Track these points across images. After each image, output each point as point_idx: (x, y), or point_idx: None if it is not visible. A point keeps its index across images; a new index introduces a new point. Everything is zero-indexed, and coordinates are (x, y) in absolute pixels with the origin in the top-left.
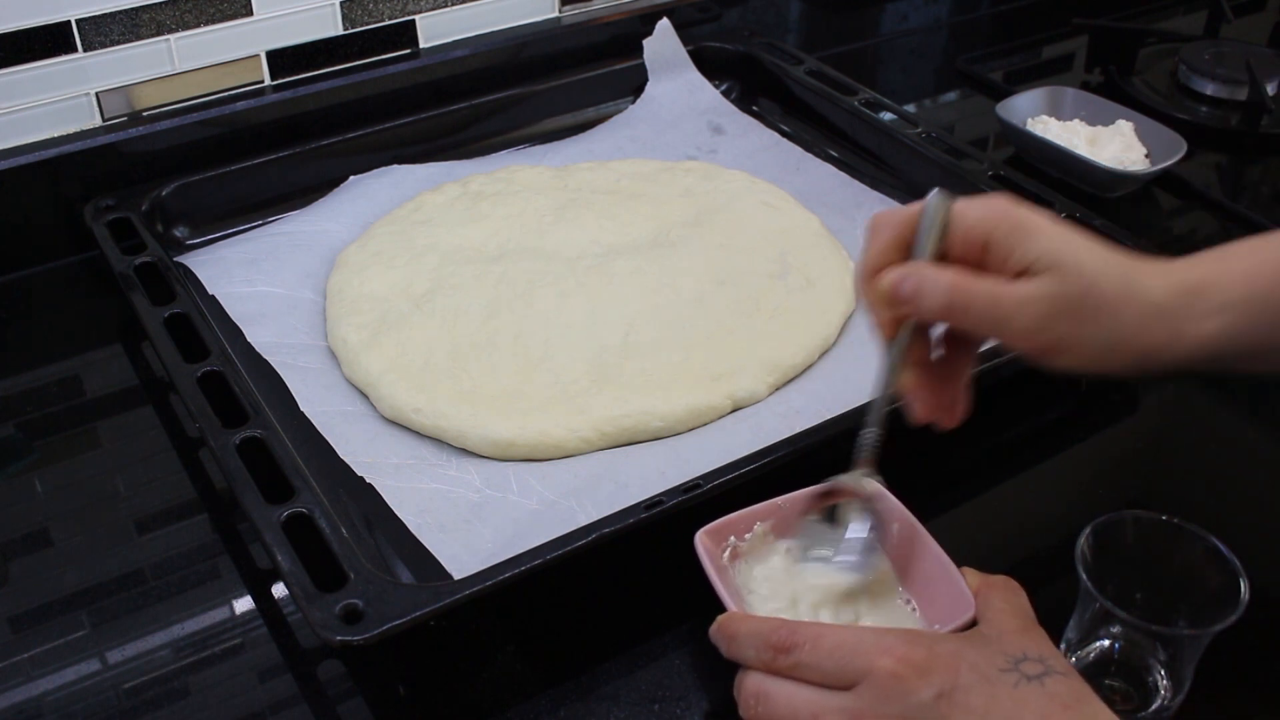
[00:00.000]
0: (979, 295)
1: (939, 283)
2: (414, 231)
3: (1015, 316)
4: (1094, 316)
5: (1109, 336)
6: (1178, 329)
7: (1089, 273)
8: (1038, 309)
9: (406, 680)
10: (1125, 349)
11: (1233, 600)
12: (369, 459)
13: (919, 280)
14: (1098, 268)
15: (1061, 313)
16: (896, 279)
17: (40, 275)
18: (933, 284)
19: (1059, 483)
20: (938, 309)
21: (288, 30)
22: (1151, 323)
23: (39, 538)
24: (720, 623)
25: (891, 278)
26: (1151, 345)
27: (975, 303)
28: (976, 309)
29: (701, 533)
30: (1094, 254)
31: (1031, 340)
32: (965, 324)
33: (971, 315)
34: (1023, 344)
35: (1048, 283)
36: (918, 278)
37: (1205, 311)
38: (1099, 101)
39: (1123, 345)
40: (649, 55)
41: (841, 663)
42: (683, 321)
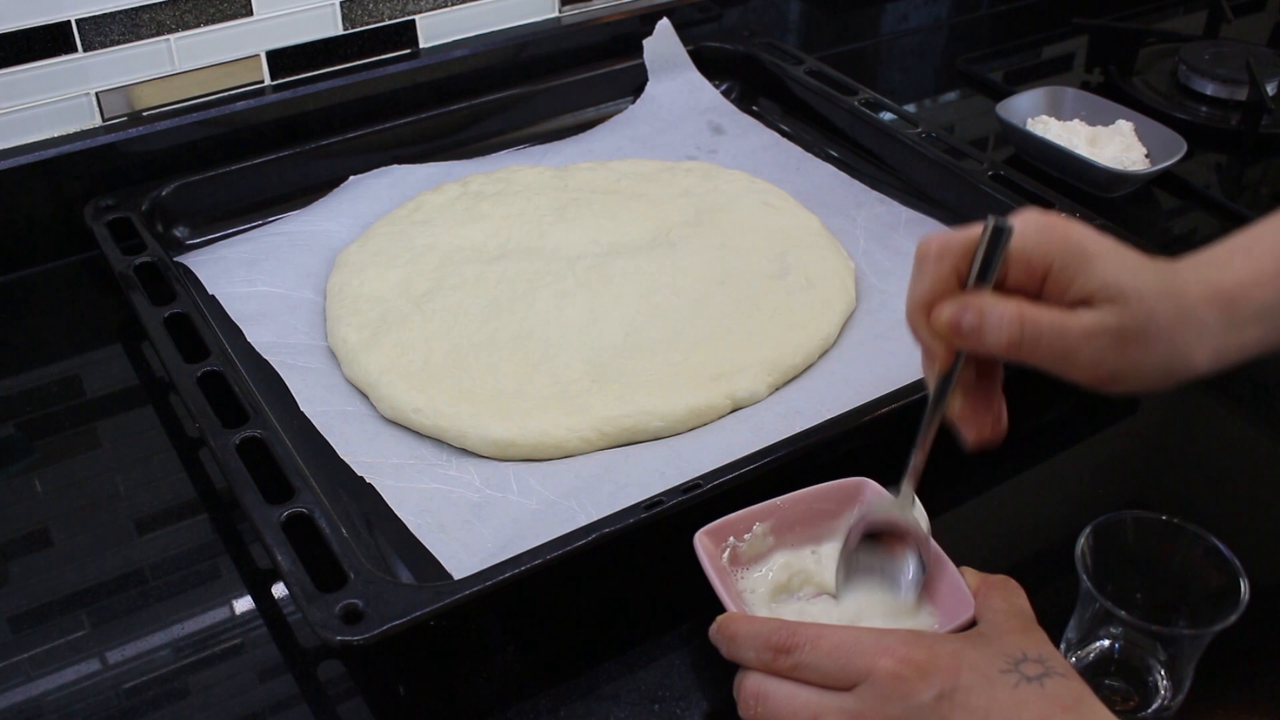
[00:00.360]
0: (1045, 329)
1: (1004, 316)
2: (414, 231)
3: (1082, 349)
4: (1155, 346)
5: (1167, 360)
6: (1221, 343)
7: (1149, 300)
8: (1104, 340)
9: (406, 680)
10: (1178, 369)
11: (1233, 600)
12: (369, 459)
13: (980, 313)
14: (1156, 291)
15: (1126, 342)
16: (956, 313)
17: (40, 275)
18: (997, 318)
19: (1059, 483)
20: (1003, 344)
21: (288, 30)
22: (1198, 340)
23: (39, 538)
24: (720, 623)
25: (950, 312)
26: (1198, 360)
27: (1042, 338)
28: (1044, 344)
29: (701, 533)
30: (1149, 276)
31: (1095, 371)
32: (1030, 359)
33: (1039, 350)
34: (1086, 375)
35: (1113, 313)
36: (978, 311)
37: (1243, 320)
38: (1099, 101)
39: (1177, 366)
40: (649, 55)
41: (842, 663)
42: (683, 321)
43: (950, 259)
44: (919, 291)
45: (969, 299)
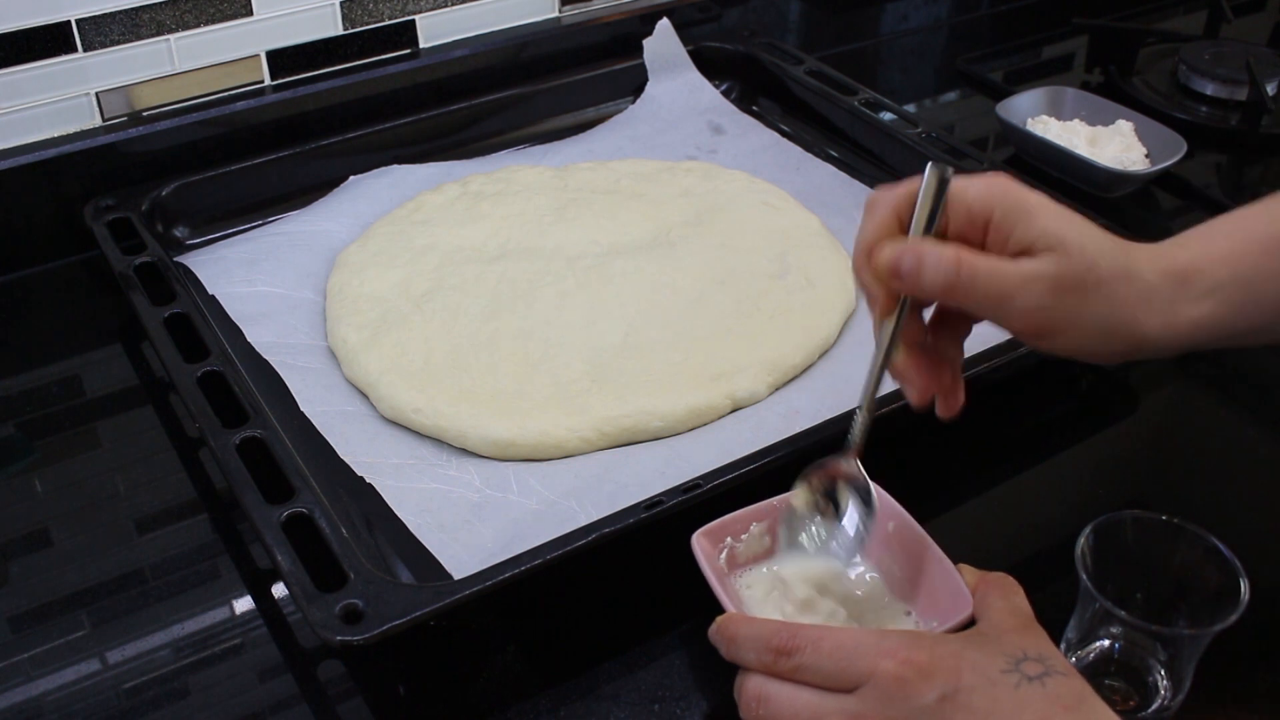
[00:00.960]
0: (982, 271)
1: (942, 258)
2: (414, 231)
3: (1018, 293)
4: (1094, 295)
5: (1107, 317)
6: (1169, 312)
7: (1090, 252)
8: (1041, 286)
9: (406, 680)
10: (1121, 331)
11: (1233, 600)
12: (369, 459)
13: (919, 255)
14: (1098, 248)
15: (1064, 290)
16: (895, 254)
17: (40, 275)
18: (935, 260)
19: (1059, 483)
20: (939, 285)
21: (288, 30)
22: (1145, 305)
23: (39, 538)
24: (720, 624)
25: (890, 253)
26: (1145, 327)
27: (978, 279)
28: (979, 286)
29: (698, 534)
30: (1094, 235)
31: (1031, 319)
32: (967, 301)
33: (975, 292)
34: (1022, 323)
35: (1051, 260)
36: (917, 253)
37: (1195, 295)
38: (1099, 101)
39: (1119, 327)
40: (649, 55)
41: (843, 665)
42: (683, 321)
43: (893, 206)
44: (863, 236)
45: (910, 242)
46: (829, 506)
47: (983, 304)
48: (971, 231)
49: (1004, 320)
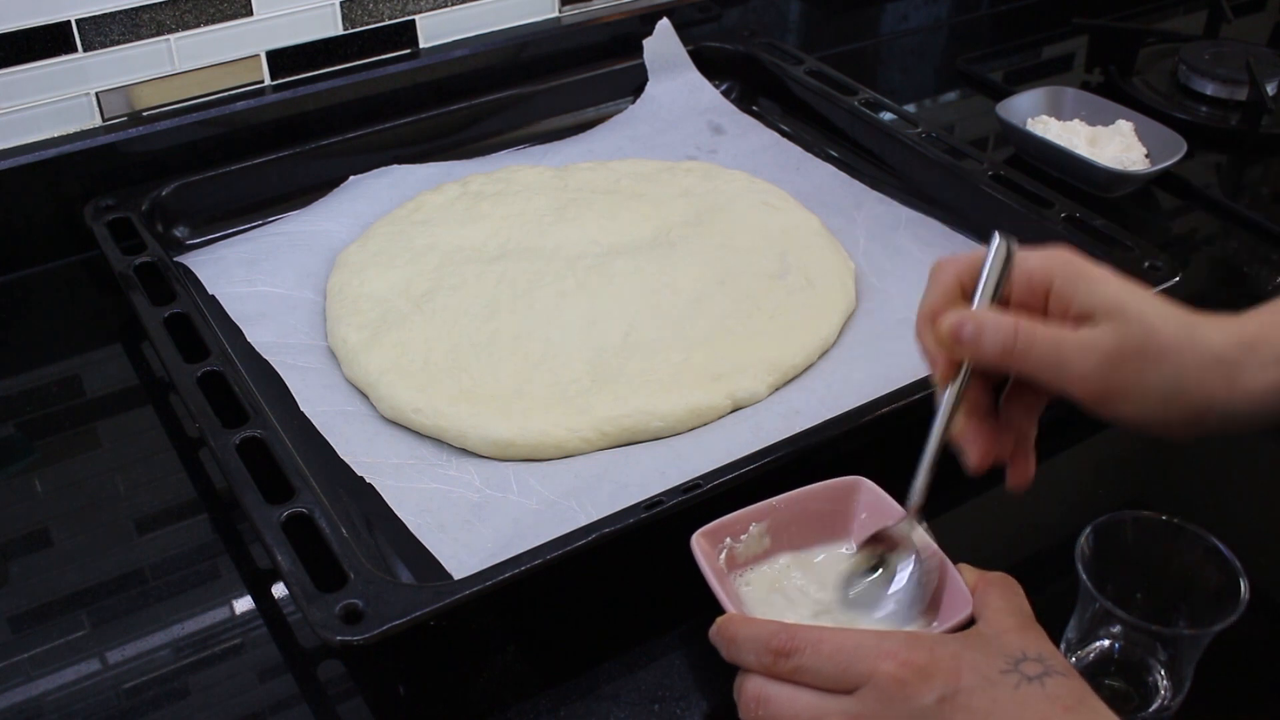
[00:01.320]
0: (1040, 339)
1: (1001, 326)
2: (414, 231)
3: (1077, 361)
4: (1155, 363)
5: (1169, 384)
6: (1236, 379)
7: (1150, 320)
8: (1100, 353)
9: (406, 680)
10: (1184, 398)
11: (1233, 600)
12: (369, 459)
13: (980, 323)
14: (1159, 315)
15: (1124, 358)
16: (957, 322)
17: (40, 275)
18: (994, 327)
19: (1059, 483)
20: (998, 351)
21: (288, 30)
22: (1210, 372)
23: (39, 538)
24: (720, 625)
25: (952, 320)
26: (1210, 395)
27: (1036, 346)
28: (1037, 353)
29: (697, 535)
30: (1155, 303)
31: (1092, 386)
32: (1025, 369)
33: (1032, 360)
34: (1082, 390)
35: (1110, 329)
36: (978, 321)
37: (1263, 363)
38: (1099, 101)
39: (1182, 394)
40: (649, 55)
41: (842, 667)
42: (683, 321)
43: (956, 274)
44: (926, 303)
45: (970, 310)
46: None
47: (1041, 371)
48: (1032, 301)
49: (1064, 387)
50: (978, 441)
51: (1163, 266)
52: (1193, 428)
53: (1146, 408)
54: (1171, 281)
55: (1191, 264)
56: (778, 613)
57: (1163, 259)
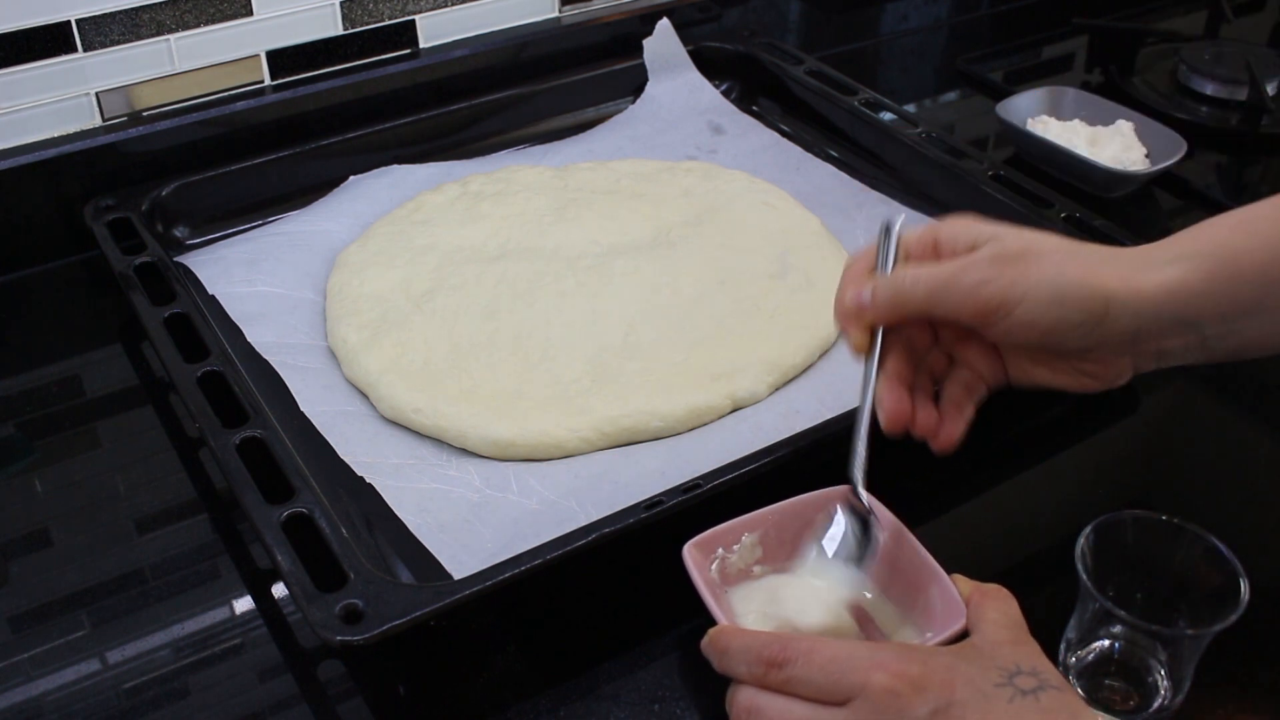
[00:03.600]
0: (923, 274)
1: (890, 279)
2: (414, 231)
3: (959, 275)
4: (1038, 261)
5: (1056, 278)
6: (1131, 275)
7: (1028, 237)
8: (981, 263)
9: (406, 680)
10: (1078, 293)
11: (1233, 600)
12: (369, 459)
13: (873, 284)
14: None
15: (1003, 260)
16: (855, 290)
17: (40, 275)
18: (884, 282)
19: (1059, 483)
20: (887, 301)
21: (288, 30)
22: (1101, 268)
23: (39, 538)
24: (711, 636)
25: (850, 291)
26: (1105, 288)
27: (920, 281)
28: (922, 286)
29: (689, 545)
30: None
31: (979, 295)
32: (917, 306)
33: (919, 293)
34: (971, 304)
35: (990, 245)
36: (872, 284)
37: (1160, 261)
38: (1099, 101)
39: (1075, 287)
40: (649, 55)
41: (835, 678)
42: (683, 321)
43: (864, 262)
44: (838, 294)
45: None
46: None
47: (932, 302)
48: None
49: (956, 310)
50: (888, 402)
51: None
52: (1103, 341)
53: (1039, 310)
54: None
55: None
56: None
57: None
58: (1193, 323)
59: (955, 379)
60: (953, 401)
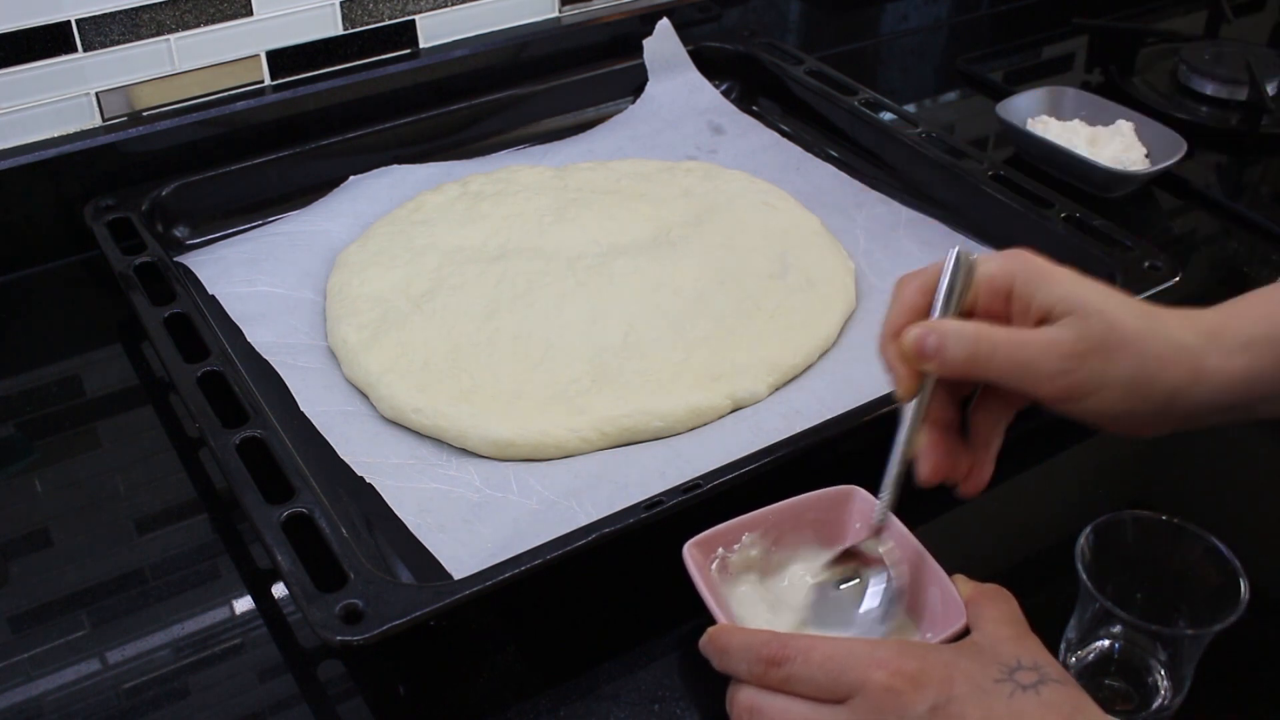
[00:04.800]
0: (1003, 343)
1: (963, 334)
2: (414, 231)
3: (1040, 361)
4: (1117, 355)
5: (1133, 375)
6: (1199, 367)
7: (1110, 313)
8: (1062, 351)
9: (406, 680)
10: (1148, 389)
11: (1233, 600)
12: (369, 459)
13: (942, 333)
14: (1119, 308)
15: (1086, 353)
16: (920, 334)
17: (40, 275)
18: (957, 336)
19: (1059, 483)
20: (961, 360)
21: (288, 30)
22: (1173, 361)
23: (39, 538)
24: (711, 635)
25: (915, 333)
26: (1174, 384)
27: (999, 351)
28: (1001, 357)
29: (689, 545)
30: (1114, 297)
31: (1057, 384)
32: (990, 375)
33: (996, 365)
34: (1049, 389)
35: (1070, 325)
36: (941, 331)
37: (1228, 350)
38: (1099, 101)
39: (1146, 385)
40: (649, 55)
41: (834, 676)
42: (683, 321)
43: (919, 288)
44: (889, 319)
45: (932, 322)
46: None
47: (1006, 375)
48: (996, 305)
49: (1030, 389)
50: (933, 455)
51: (1163, 266)
52: (1161, 420)
53: (1112, 401)
54: (1171, 281)
55: (1191, 264)
56: (769, 623)
57: (1163, 259)
58: (1249, 407)
59: (984, 409)
60: (981, 439)
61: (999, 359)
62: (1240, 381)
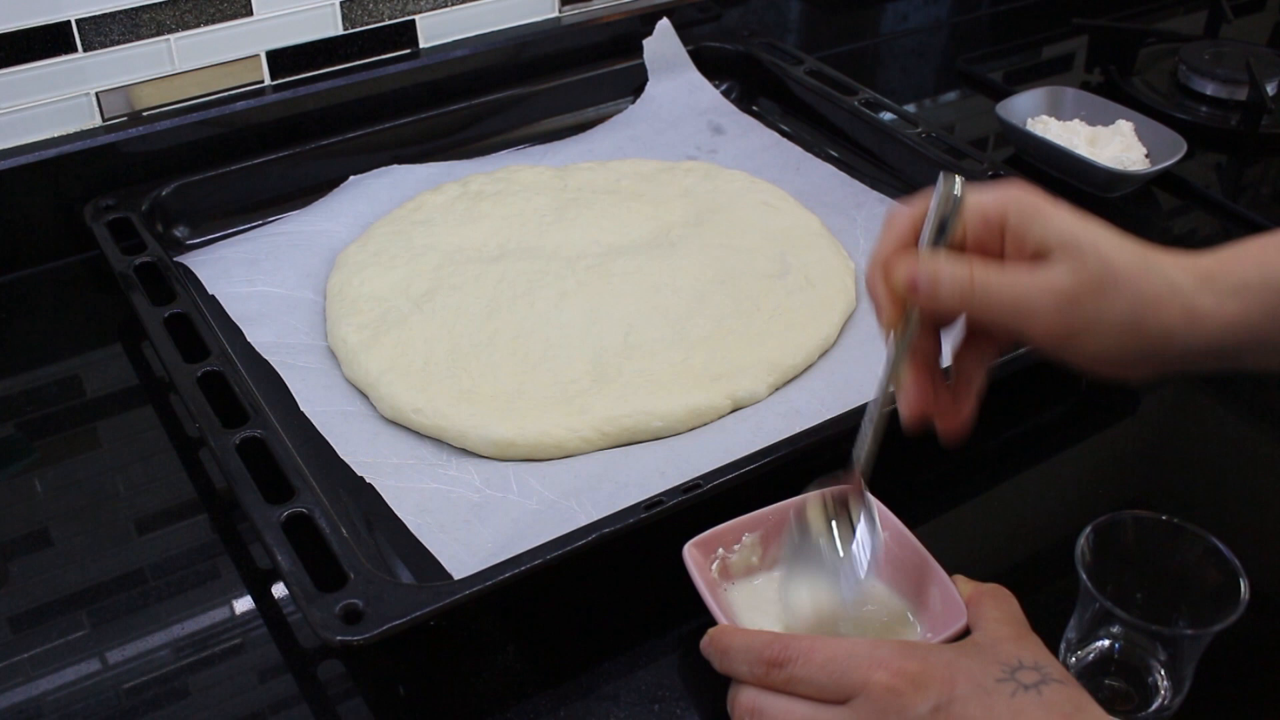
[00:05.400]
0: (995, 284)
1: (957, 275)
2: (414, 231)
3: (1035, 301)
4: (1112, 295)
5: (1127, 316)
6: (1193, 310)
7: (1106, 252)
8: (1058, 293)
9: (406, 680)
10: (1142, 329)
11: (1233, 600)
12: (369, 459)
13: (935, 271)
14: (1115, 247)
15: (1082, 295)
16: (911, 271)
17: (40, 275)
18: (950, 276)
19: (1059, 483)
20: (955, 300)
21: (288, 30)
22: (1167, 302)
23: (39, 538)
24: (711, 636)
25: (905, 270)
26: (1167, 327)
27: (992, 292)
28: (994, 298)
29: (690, 545)
30: (1110, 235)
31: (1053, 328)
32: (985, 316)
33: (991, 305)
34: (1044, 332)
35: (1066, 266)
36: (933, 269)
37: (1221, 293)
38: (1099, 101)
39: (1140, 325)
40: (649, 55)
41: (835, 676)
42: (683, 321)
43: (910, 219)
44: (878, 250)
45: (924, 259)
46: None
47: (999, 315)
48: (989, 238)
49: (1023, 330)
50: (913, 393)
51: None
52: (1151, 363)
53: (1106, 343)
54: None
55: None
56: (770, 623)
57: None
58: (1239, 353)
59: (967, 349)
60: (964, 376)
61: (992, 299)
62: (1232, 326)
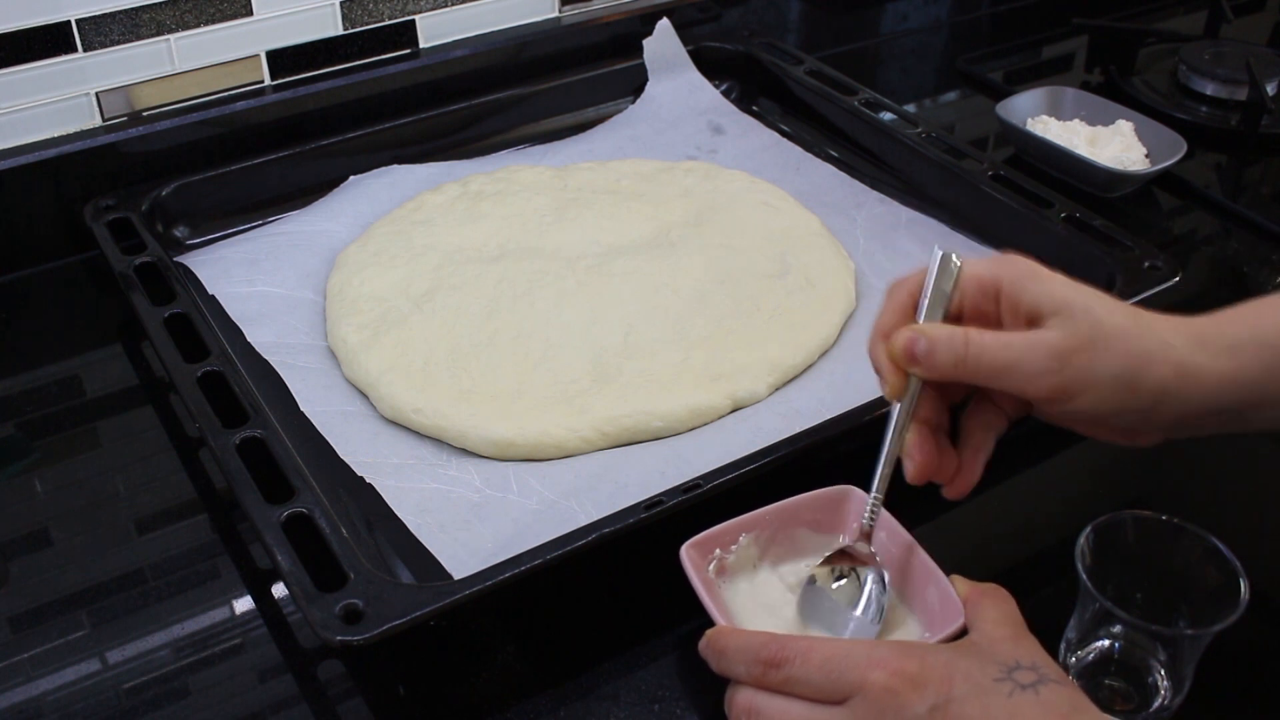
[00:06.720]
0: (990, 345)
1: (952, 338)
2: (414, 231)
3: (1028, 360)
4: (1104, 352)
5: (1120, 372)
6: (1187, 365)
7: (1096, 312)
8: (1048, 349)
9: (406, 680)
10: (1136, 387)
11: (1233, 600)
12: (369, 459)
13: (931, 338)
14: (1105, 308)
15: (1073, 350)
16: (909, 339)
17: (40, 275)
18: (946, 340)
19: (1059, 483)
20: (950, 364)
21: (288, 30)
22: (1161, 356)
23: (39, 538)
24: (709, 637)
25: (904, 337)
26: (1161, 383)
27: (986, 353)
28: (989, 359)
29: (687, 546)
30: (1101, 298)
31: (1045, 383)
32: (979, 378)
33: (984, 367)
34: (1037, 388)
35: (1058, 325)
36: (930, 335)
37: (1214, 351)
38: (1099, 101)
39: (1134, 382)
40: (649, 55)
41: (833, 677)
42: (683, 321)
43: (909, 292)
44: (879, 322)
45: (921, 326)
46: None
47: (995, 377)
48: (986, 307)
49: (1019, 389)
50: (919, 455)
51: (1163, 266)
52: (1151, 423)
53: (1100, 399)
54: (1171, 281)
55: (1191, 264)
56: (767, 624)
57: (1163, 259)
58: (1239, 412)
59: (976, 415)
60: (972, 445)
61: (986, 361)
62: (1227, 383)
